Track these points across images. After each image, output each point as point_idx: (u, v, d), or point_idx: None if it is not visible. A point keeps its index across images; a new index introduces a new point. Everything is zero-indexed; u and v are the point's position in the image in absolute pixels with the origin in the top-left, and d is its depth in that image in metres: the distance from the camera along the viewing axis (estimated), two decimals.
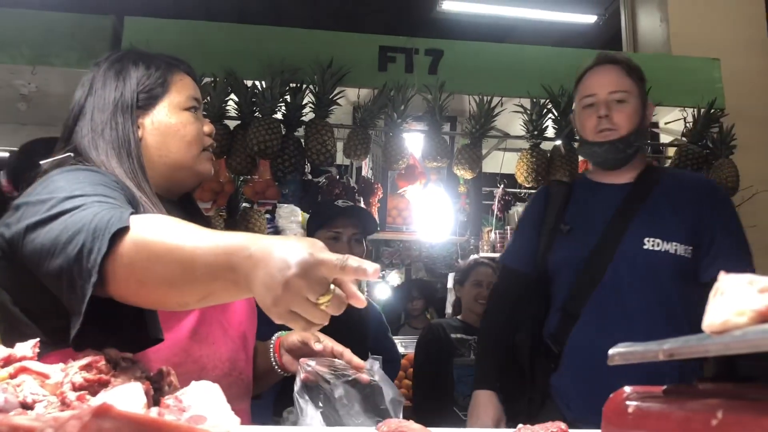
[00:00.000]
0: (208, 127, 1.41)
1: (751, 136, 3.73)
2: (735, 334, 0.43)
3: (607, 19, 5.35)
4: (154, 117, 1.33)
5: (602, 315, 1.84)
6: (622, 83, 1.95)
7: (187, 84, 1.40)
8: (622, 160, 1.96)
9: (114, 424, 0.49)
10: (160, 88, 1.35)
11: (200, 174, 1.38)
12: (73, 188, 1.05)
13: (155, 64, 1.37)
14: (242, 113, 3.19)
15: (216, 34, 3.44)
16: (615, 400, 0.59)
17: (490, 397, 1.93)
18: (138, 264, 0.90)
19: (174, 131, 1.34)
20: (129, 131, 1.29)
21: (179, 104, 1.36)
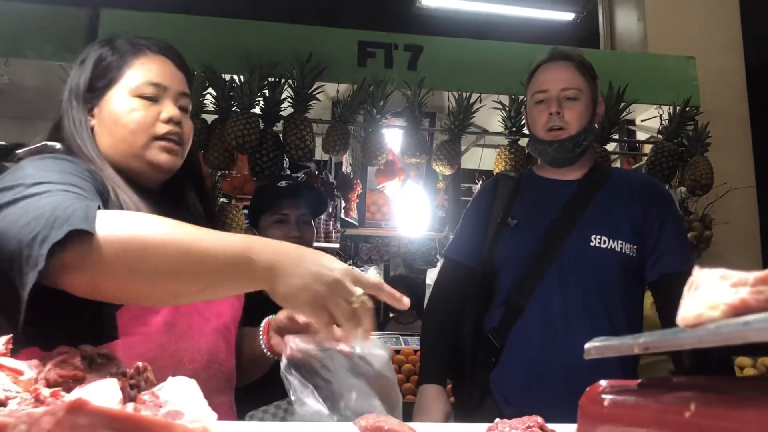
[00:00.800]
0: (168, 112, 1.29)
1: (725, 134, 3.79)
2: (708, 328, 0.44)
3: (584, 17, 5.38)
4: (103, 105, 1.28)
5: (545, 310, 1.85)
6: (574, 80, 1.94)
7: (148, 67, 1.30)
8: (571, 159, 1.97)
9: (89, 419, 0.48)
10: (114, 72, 1.28)
11: (153, 164, 1.28)
12: (41, 175, 1.03)
13: (119, 47, 1.31)
14: (220, 107, 3.17)
15: (194, 27, 3.40)
16: (591, 393, 0.60)
17: (438, 392, 1.90)
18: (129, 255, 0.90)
19: (117, 119, 1.26)
20: (80, 119, 1.26)
21: (130, 90, 1.27)
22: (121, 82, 1.28)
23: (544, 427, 0.85)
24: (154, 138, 1.27)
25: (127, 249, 0.91)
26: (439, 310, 2.07)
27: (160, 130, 1.28)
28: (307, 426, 0.93)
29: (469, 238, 2.08)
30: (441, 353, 2.00)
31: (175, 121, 1.29)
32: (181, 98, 1.34)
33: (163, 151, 1.28)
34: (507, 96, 3.44)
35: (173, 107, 1.30)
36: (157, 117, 1.28)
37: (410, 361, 4.03)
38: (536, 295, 1.87)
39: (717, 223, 3.65)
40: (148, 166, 1.28)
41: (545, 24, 5.50)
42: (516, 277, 1.91)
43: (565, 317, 1.83)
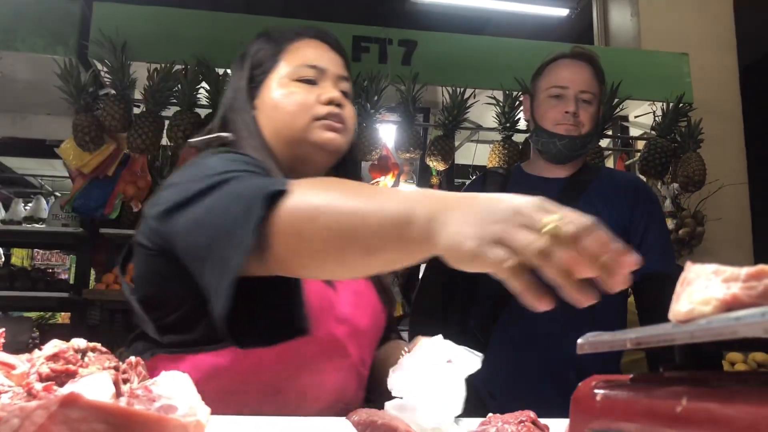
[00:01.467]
0: (328, 93, 1.24)
1: (718, 131, 3.80)
2: (700, 323, 0.44)
3: (579, 12, 5.38)
4: (263, 95, 1.25)
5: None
6: (592, 84, 1.95)
7: (304, 51, 1.27)
8: (573, 156, 1.97)
9: (81, 413, 0.48)
10: (270, 62, 1.27)
11: (318, 144, 1.22)
12: (225, 166, 0.99)
13: (274, 36, 1.30)
14: (213, 101, 3.16)
15: (187, 21, 3.39)
16: (583, 388, 0.60)
17: None
18: (300, 226, 0.83)
19: (278, 105, 1.23)
20: (244, 111, 1.24)
21: (288, 74, 1.24)
22: (278, 69, 1.26)
23: (537, 422, 0.85)
24: (315, 119, 1.22)
25: (297, 218, 0.84)
26: (425, 304, 2.08)
27: (321, 111, 1.22)
28: (298, 420, 0.93)
29: None
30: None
31: (336, 103, 1.24)
32: (340, 82, 1.29)
33: (326, 129, 1.22)
34: (501, 91, 3.44)
35: (333, 89, 1.26)
36: (317, 99, 1.23)
37: None
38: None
39: (709, 219, 3.67)
40: (313, 147, 1.22)
41: (539, 19, 5.49)
42: None
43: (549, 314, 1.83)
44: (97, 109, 3.19)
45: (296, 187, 0.86)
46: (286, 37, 1.29)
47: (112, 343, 3.13)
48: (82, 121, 3.11)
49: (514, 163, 3.33)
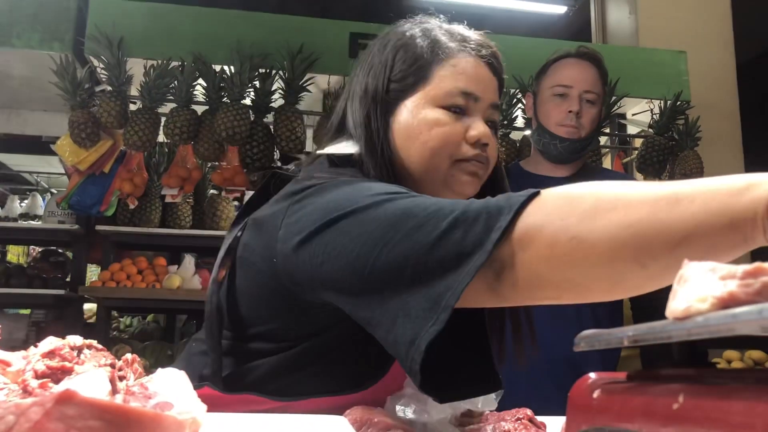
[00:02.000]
0: (477, 130, 1.02)
1: (715, 129, 3.81)
2: (697, 320, 0.44)
3: (576, 10, 5.39)
4: (400, 114, 1.03)
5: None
6: (596, 85, 1.95)
7: (461, 71, 1.04)
8: (573, 158, 1.98)
9: (77, 410, 0.48)
10: (414, 76, 1.04)
11: (453, 190, 1.03)
12: (383, 188, 0.85)
13: (424, 41, 1.06)
14: (210, 98, 3.15)
15: (184, 17, 3.38)
16: (580, 386, 0.60)
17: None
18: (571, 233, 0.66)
19: (416, 134, 1.01)
20: (379, 133, 1.02)
21: (434, 98, 1.02)
22: (424, 89, 1.03)
23: (534, 419, 0.85)
24: (458, 160, 1.02)
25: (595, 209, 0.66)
26: None
27: (467, 152, 1.02)
28: (296, 418, 0.93)
29: None
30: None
31: (484, 143, 1.03)
32: (492, 111, 1.08)
33: (467, 175, 1.03)
34: None
35: (483, 124, 1.04)
36: (464, 135, 1.02)
37: None
38: None
39: None
40: (446, 189, 1.03)
41: (537, 17, 5.50)
42: None
43: (548, 311, 1.84)
44: (93, 105, 3.19)
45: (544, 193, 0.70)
46: (440, 48, 1.06)
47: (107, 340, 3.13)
48: (78, 118, 3.10)
49: (512, 161, 3.33)
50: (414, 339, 0.70)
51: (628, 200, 0.64)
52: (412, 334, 0.71)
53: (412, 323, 0.72)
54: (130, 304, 4.01)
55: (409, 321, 0.72)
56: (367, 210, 0.79)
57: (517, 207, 0.70)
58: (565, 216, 0.67)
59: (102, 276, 3.64)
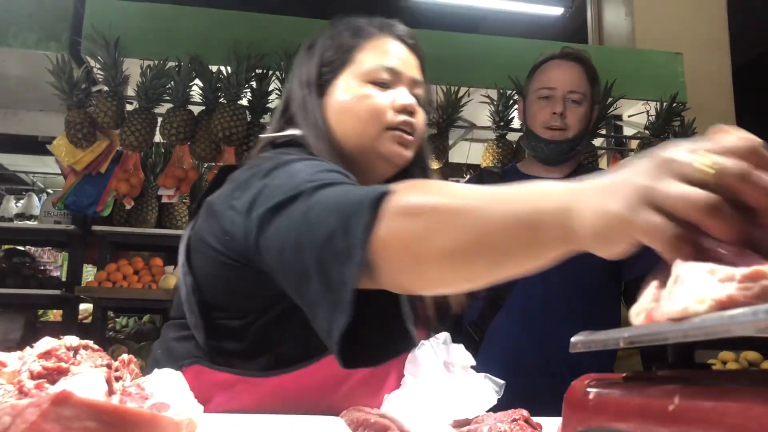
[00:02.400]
0: (402, 100, 1.15)
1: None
2: (693, 322, 0.44)
3: (573, 11, 5.40)
4: (332, 94, 1.16)
5: (526, 305, 1.87)
6: (581, 84, 1.94)
7: (381, 50, 1.18)
8: (563, 159, 1.97)
9: (74, 411, 0.48)
10: (342, 57, 1.17)
11: (386, 156, 1.14)
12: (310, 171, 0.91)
13: (348, 30, 1.21)
14: (207, 99, 3.15)
15: (181, 17, 3.38)
16: (576, 386, 0.60)
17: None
18: (422, 230, 0.71)
19: (348, 108, 1.14)
20: (314, 109, 1.14)
21: (360, 75, 1.15)
22: (350, 67, 1.16)
23: (530, 420, 0.86)
24: (387, 128, 1.14)
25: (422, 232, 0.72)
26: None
27: (393, 119, 1.14)
28: (293, 419, 0.93)
29: None
30: None
31: (409, 111, 1.16)
32: (415, 86, 1.21)
33: (396, 142, 1.15)
34: (495, 90, 3.44)
35: (408, 95, 1.17)
36: (391, 105, 1.15)
37: None
38: (518, 290, 1.89)
39: None
40: (379, 158, 1.15)
41: (534, 18, 5.51)
42: None
43: (545, 312, 1.86)
44: (89, 105, 3.18)
45: (403, 190, 0.76)
46: (362, 33, 1.20)
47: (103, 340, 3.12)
48: (75, 118, 3.09)
49: (509, 162, 3.33)
50: (329, 329, 0.77)
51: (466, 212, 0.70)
52: (327, 325, 0.77)
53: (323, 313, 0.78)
54: (127, 304, 4.00)
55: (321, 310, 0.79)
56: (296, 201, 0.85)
57: (374, 210, 0.74)
58: (414, 226, 0.72)
59: (98, 276, 3.63)
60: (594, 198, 0.60)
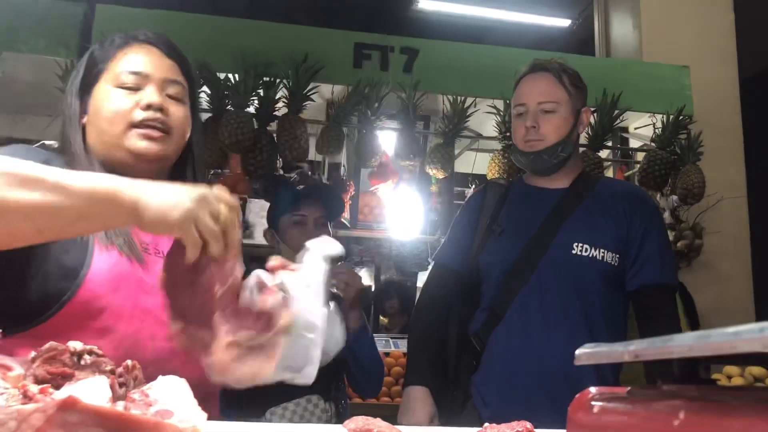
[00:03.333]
0: (147, 99, 1.26)
1: (717, 144, 3.81)
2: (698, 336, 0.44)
3: (580, 23, 5.41)
4: (91, 101, 1.29)
5: (525, 316, 1.88)
6: (551, 93, 1.95)
7: (131, 57, 1.29)
8: (550, 168, 1.98)
9: (79, 417, 0.48)
10: (101, 66, 1.29)
11: (132, 152, 1.24)
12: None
13: (111, 40, 1.33)
14: (214, 106, 3.16)
15: (189, 25, 3.40)
16: (580, 400, 0.60)
17: (423, 394, 1.92)
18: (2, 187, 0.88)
19: (98, 112, 1.26)
20: (71, 115, 1.28)
21: (111, 80, 1.27)
22: (104, 76, 1.28)
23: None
24: (132, 125, 1.24)
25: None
26: (426, 313, 2.10)
27: (137, 116, 1.25)
28: (297, 427, 0.93)
29: (458, 243, 2.11)
30: (427, 355, 2.02)
31: (156, 108, 1.25)
32: (169, 86, 1.31)
33: (142, 138, 1.25)
34: (501, 100, 3.45)
35: (156, 94, 1.27)
36: (135, 105, 1.25)
37: (399, 364, 4.03)
38: (517, 301, 1.90)
39: (708, 232, 3.67)
40: (129, 154, 1.25)
41: (541, 30, 5.52)
42: (499, 283, 1.94)
43: (544, 323, 1.86)
44: None
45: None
46: (116, 43, 1.32)
47: None
48: None
49: (514, 173, 3.33)
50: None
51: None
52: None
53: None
54: None
55: None
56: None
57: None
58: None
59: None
60: (158, 197, 0.93)
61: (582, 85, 2.03)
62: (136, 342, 1.16)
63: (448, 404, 1.97)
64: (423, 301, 2.15)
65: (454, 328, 2.03)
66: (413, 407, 1.90)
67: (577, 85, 2.01)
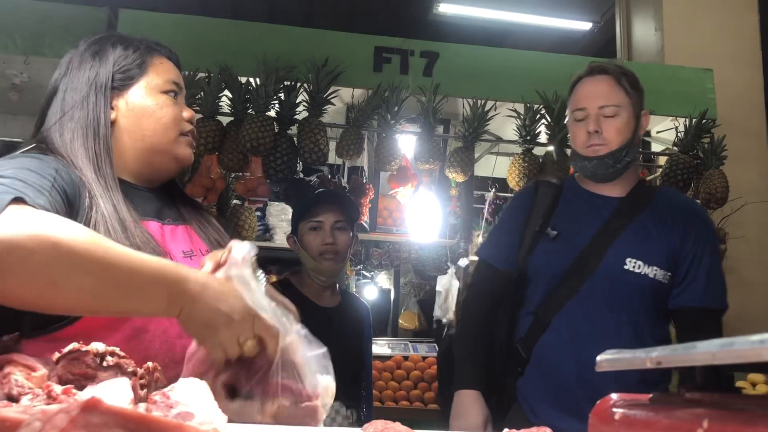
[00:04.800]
0: (188, 112, 1.37)
1: (741, 148, 3.76)
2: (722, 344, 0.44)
3: (602, 26, 5.37)
4: (129, 98, 1.31)
5: (572, 327, 1.85)
6: (612, 96, 1.91)
7: (167, 68, 1.37)
8: (612, 174, 1.93)
9: (102, 418, 0.48)
10: (137, 69, 1.33)
11: (179, 158, 1.35)
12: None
13: (134, 45, 1.35)
14: (235, 110, 3.18)
15: (211, 29, 3.43)
16: (601, 407, 0.59)
17: (475, 397, 1.88)
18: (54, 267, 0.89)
19: (149, 113, 1.30)
20: (101, 111, 1.27)
21: (157, 86, 1.33)
22: (145, 79, 1.33)
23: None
24: (182, 134, 1.35)
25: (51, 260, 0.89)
26: (476, 313, 2.05)
27: (185, 127, 1.36)
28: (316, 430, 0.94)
29: (505, 241, 2.06)
30: (478, 357, 1.97)
31: (193, 120, 1.39)
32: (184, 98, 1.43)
33: (187, 145, 1.36)
34: (522, 104, 3.43)
35: (189, 108, 1.39)
36: (182, 115, 1.35)
37: (419, 368, 4.03)
38: (564, 312, 1.86)
39: (731, 237, 3.63)
40: (173, 159, 1.34)
41: (562, 33, 5.49)
42: (546, 290, 1.90)
43: (591, 337, 1.82)
44: None
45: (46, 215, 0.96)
46: (147, 49, 1.36)
47: None
48: None
49: (534, 177, 3.31)
50: None
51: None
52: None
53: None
54: None
55: None
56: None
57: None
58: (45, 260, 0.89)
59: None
60: (201, 307, 0.98)
61: (640, 88, 1.98)
62: (166, 342, 1.18)
63: (493, 408, 1.92)
64: (470, 302, 2.11)
65: (501, 331, 1.99)
66: (467, 411, 1.87)
67: (636, 88, 1.97)
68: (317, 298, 2.39)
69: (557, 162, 3.33)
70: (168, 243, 1.28)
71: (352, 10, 5.73)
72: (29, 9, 3.32)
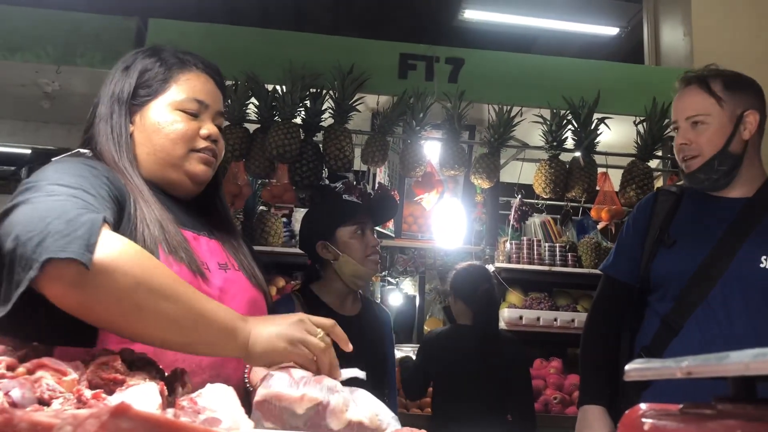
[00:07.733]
0: (209, 129, 1.35)
1: None
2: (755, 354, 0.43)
3: (629, 31, 5.31)
4: (145, 113, 1.32)
5: (706, 333, 1.78)
6: (697, 105, 1.88)
7: (194, 84, 1.36)
8: (713, 185, 1.90)
9: (131, 424, 0.49)
10: (159, 84, 1.34)
11: (190, 174, 1.34)
12: (57, 177, 1.07)
13: (165, 59, 1.36)
14: (262, 117, 3.21)
15: (239, 37, 3.46)
16: (630, 416, 0.58)
17: (601, 413, 1.87)
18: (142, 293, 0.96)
19: (159, 129, 1.31)
20: (121, 125, 1.30)
21: (173, 103, 1.33)
22: (165, 95, 1.33)
23: None
24: (192, 150, 1.34)
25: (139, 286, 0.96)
26: (601, 327, 2.04)
27: (199, 144, 1.34)
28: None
29: (627, 255, 2.04)
30: (604, 372, 1.96)
31: (213, 138, 1.36)
32: (217, 117, 1.40)
33: (200, 162, 1.35)
34: (548, 110, 3.41)
35: (212, 125, 1.37)
36: (197, 132, 1.34)
37: None
38: (697, 316, 1.81)
39: None
40: (185, 175, 1.34)
41: (588, 38, 5.45)
42: (675, 296, 1.86)
43: (728, 341, 1.76)
44: None
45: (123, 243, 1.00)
46: (177, 65, 1.37)
47: None
48: None
49: (561, 183, 3.29)
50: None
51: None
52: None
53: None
54: None
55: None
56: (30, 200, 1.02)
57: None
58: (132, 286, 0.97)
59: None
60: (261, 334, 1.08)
61: (741, 87, 1.94)
62: None
63: (616, 420, 1.89)
64: (594, 316, 2.09)
65: (625, 342, 1.97)
66: (592, 428, 1.86)
67: (734, 88, 1.92)
68: (339, 307, 2.39)
69: (584, 168, 3.30)
70: (203, 253, 1.29)
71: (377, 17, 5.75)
72: (61, 19, 3.38)
